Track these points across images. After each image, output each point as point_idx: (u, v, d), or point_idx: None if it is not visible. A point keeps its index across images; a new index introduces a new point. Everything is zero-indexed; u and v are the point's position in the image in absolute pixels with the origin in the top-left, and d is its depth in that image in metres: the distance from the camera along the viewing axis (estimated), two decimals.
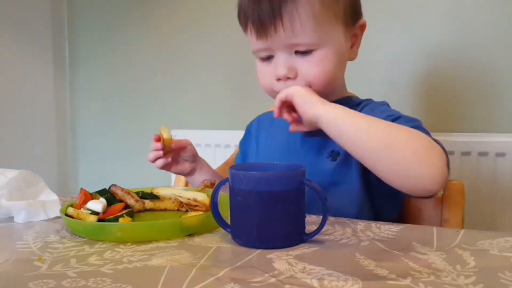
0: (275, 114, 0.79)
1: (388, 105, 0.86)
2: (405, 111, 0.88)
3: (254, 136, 0.99)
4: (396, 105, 0.86)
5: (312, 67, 0.78)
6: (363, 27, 0.84)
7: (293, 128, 0.80)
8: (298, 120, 0.78)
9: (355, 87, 0.91)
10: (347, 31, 0.82)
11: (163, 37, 1.81)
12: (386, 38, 1.37)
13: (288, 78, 0.79)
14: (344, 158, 0.80)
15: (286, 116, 0.78)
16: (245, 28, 0.82)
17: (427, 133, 0.70)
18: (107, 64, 1.97)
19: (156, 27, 1.83)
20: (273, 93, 0.82)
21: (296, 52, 0.78)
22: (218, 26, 1.67)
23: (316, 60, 0.78)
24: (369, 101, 0.88)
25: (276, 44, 0.78)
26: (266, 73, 0.82)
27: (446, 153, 0.68)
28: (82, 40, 2.04)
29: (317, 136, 0.83)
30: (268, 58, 0.81)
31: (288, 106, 0.77)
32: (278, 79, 0.79)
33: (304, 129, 0.78)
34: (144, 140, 1.88)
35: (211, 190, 0.66)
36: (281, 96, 0.76)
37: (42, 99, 2.01)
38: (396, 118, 0.74)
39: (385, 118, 0.71)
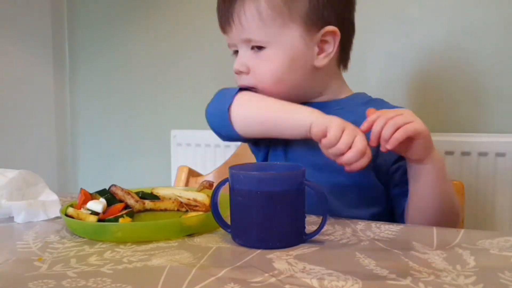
0: (396, 139, 0.66)
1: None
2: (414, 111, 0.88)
3: None
4: (397, 105, 0.86)
5: (260, 64, 0.82)
6: (333, 34, 0.81)
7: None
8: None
9: (352, 87, 0.91)
10: (308, 36, 0.80)
11: (163, 37, 1.81)
12: (384, 38, 1.37)
13: (241, 72, 0.84)
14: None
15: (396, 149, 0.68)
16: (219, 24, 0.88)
17: None
18: (107, 64, 1.97)
19: (156, 27, 1.82)
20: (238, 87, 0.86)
21: (253, 49, 0.82)
22: (219, 26, 1.66)
23: (264, 58, 0.81)
24: (380, 101, 0.88)
25: (234, 39, 0.84)
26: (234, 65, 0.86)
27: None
28: (82, 40, 2.04)
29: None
30: (236, 53, 0.86)
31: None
32: (235, 73, 0.85)
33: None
34: (144, 140, 1.89)
35: (209, 191, 0.66)
36: (409, 132, 0.66)
37: (42, 99, 2.01)
38: None
39: None
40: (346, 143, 0.66)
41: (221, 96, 0.87)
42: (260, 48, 0.81)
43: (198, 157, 1.63)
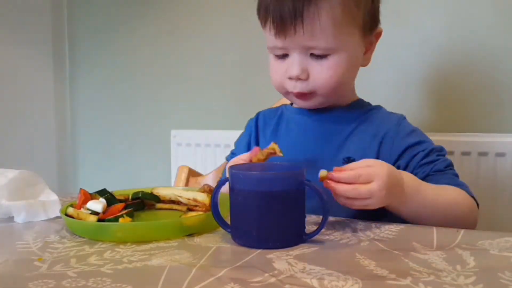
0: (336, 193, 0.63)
1: (409, 125, 0.86)
2: (405, 111, 0.89)
3: (262, 131, 0.96)
4: (397, 106, 0.86)
5: (324, 72, 0.78)
6: (379, 34, 0.85)
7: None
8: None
9: (358, 89, 0.91)
10: (364, 38, 0.82)
11: (163, 37, 1.81)
12: (387, 39, 1.36)
13: (299, 79, 0.79)
14: None
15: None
16: (264, 23, 0.81)
17: (453, 165, 0.80)
18: (107, 64, 1.97)
19: (156, 27, 1.82)
20: (282, 90, 0.83)
21: (311, 55, 0.78)
22: (219, 26, 1.66)
23: (330, 65, 0.78)
24: (379, 108, 0.89)
25: (294, 44, 0.78)
26: (279, 70, 0.82)
27: (477, 202, 0.76)
28: (82, 40, 2.04)
29: (332, 141, 0.84)
30: (283, 56, 0.81)
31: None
32: (290, 78, 0.80)
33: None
34: (144, 140, 1.89)
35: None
36: (359, 205, 0.63)
37: (42, 99, 2.01)
38: (429, 152, 0.79)
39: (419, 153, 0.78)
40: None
41: None
42: (320, 56, 0.78)
43: (198, 157, 1.63)
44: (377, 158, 0.80)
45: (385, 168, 0.64)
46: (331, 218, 0.68)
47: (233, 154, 0.99)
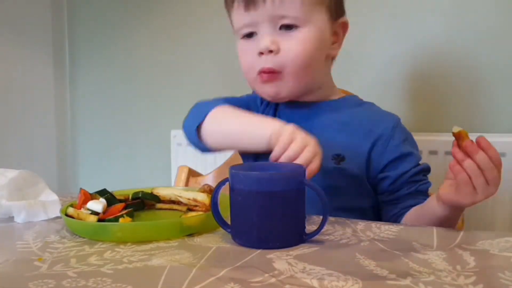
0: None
1: (405, 130, 0.86)
2: (403, 111, 0.89)
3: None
4: (393, 105, 0.86)
5: (294, 44, 0.78)
6: (345, 26, 0.84)
7: None
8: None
9: (350, 87, 0.91)
10: (331, 22, 0.81)
11: (164, 37, 1.81)
12: (381, 38, 1.36)
13: (270, 51, 0.78)
14: (348, 164, 0.80)
15: None
16: (231, 3, 0.81)
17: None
18: (107, 64, 1.97)
19: (156, 27, 1.82)
20: (252, 73, 0.81)
21: (280, 28, 0.78)
22: (219, 26, 1.66)
23: (299, 38, 0.78)
24: (372, 104, 0.88)
25: (263, 16, 0.77)
26: (248, 50, 0.81)
27: None
28: (82, 39, 2.04)
29: (321, 136, 0.82)
30: (251, 35, 0.81)
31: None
32: (261, 53, 0.79)
33: None
34: (144, 140, 1.89)
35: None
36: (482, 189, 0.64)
37: (42, 99, 2.01)
38: (418, 171, 0.81)
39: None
40: (294, 150, 0.66)
41: (195, 113, 0.86)
42: (289, 27, 0.78)
43: (198, 157, 1.63)
44: (368, 158, 0.81)
45: None
46: (331, 218, 0.68)
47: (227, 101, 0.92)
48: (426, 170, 0.83)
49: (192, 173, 1.11)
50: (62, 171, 2.08)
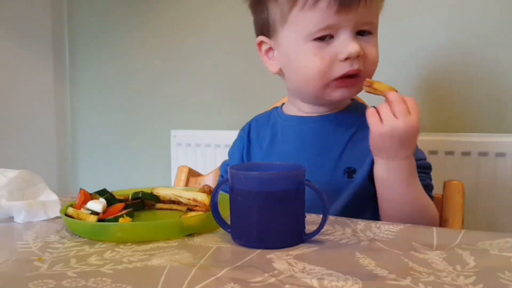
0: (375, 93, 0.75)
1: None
2: None
3: (255, 142, 0.91)
4: None
5: (373, 49, 0.79)
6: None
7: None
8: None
9: None
10: None
11: (164, 37, 1.81)
12: (386, 38, 1.36)
13: (357, 56, 0.76)
14: (360, 176, 0.79)
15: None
16: (315, 2, 0.75)
17: (431, 185, 0.81)
18: (107, 64, 1.97)
19: (156, 27, 1.83)
20: (326, 79, 0.77)
21: (357, 33, 0.78)
22: (219, 26, 1.67)
23: (375, 43, 0.80)
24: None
25: (351, 20, 0.75)
26: (326, 55, 0.76)
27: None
28: (82, 39, 2.04)
29: (331, 151, 0.81)
30: (326, 40, 0.77)
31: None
32: (346, 59, 0.76)
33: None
34: (144, 140, 1.89)
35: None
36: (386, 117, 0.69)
37: (42, 99, 2.01)
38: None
39: None
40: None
41: None
42: (364, 33, 0.78)
43: (198, 157, 1.64)
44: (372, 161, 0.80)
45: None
46: (331, 218, 0.68)
47: (226, 165, 0.96)
48: (424, 167, 0.80)
49: (192, 173, 1.11)
50: (62, 171, 2.08)
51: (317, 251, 0.54)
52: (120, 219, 0.63)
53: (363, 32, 0.78)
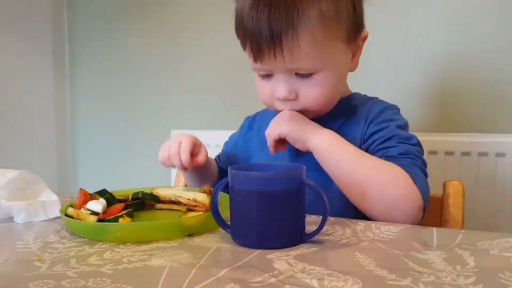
0: (272, 152, 0.81)
1: (396, 110, 0.85)
2: (406, 111, 0.89)
3: (255, 129, 0.97)
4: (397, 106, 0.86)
5: (312, 90, 0.77)
6: (365, 38, 0.83)
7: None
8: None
9: (358, 89, 0.91)
10: (349, 47, 0.80)
11: (163, 37, 1.81)
12: (387, 40, 1.37)
13: (288, 99, 0.78)
14: None
15: (282, 150, 0.82)
16: (243, 46, 0.79)
17: (417, 156, 0.75)
18: (107, 64, 1.97)
19: (156, 27, 1.83)
20: (273, 108, 0.82)
21: (297, 74, 0.76)
22: (219, 27, 1.67)
23: (317, 84, 0.77)
24: (375, 100, 0.88)
25: (275, 68, 0.76)
26: (266, 91, 0.80)
27: (423, 193, 0.70)
28: (82, 40, 2.04)
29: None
30: (268, 76, 0.79)
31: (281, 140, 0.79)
32: (278, 99, 0.79)
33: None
34: (144, 140, 1.89)
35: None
36: (274, 136, 0.78)
37: (42, 99, 2.01)
38: (388, 138, 0.77)
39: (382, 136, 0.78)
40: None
41: None
42: (307, 74, 0.76)
43: None
44: (361, 140, 0.81)
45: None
46: (331, 218, 0.68)
47: (218, 157, 1.01)
48: (404, 138, 0.77)
49: None
50: (62, 171, 2.08)
51: (317, 251, 0.54)
52: (120, 219, 0.63)
53: (303, 75, 0.76)
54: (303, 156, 0.80)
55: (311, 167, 0.67)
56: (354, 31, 0.79)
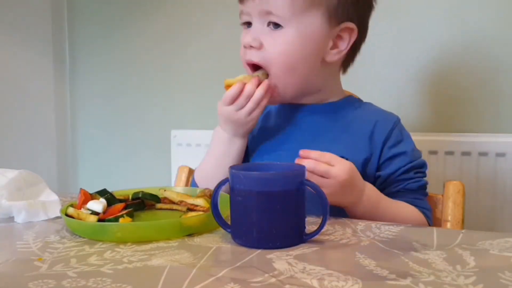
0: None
1: (400, 124, 0.85)
2: (406, 111, 0.89)
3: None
4: (397, 106, 0.87)
5: (275, 43, 0.79)
6: (350, 31, 0.81)
7: None
8: None
9: (357, 88, 0.91)
10: (327, 27, 0.79)
11: (163, 37, 1.81)
12: (388, 39, 1.36)
13: (251, 47, 0.79)
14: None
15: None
16: None
17: (426, 183, 0.83)
18: (107, 64, 1.97)
19: (156, 27, 1.82)
20: (244, 63, 0.83)
21: (268, 24, 0.79)
22: (219, 27, 1.66)
23: (282, 39, 0.78)
24: (370, 105, 0.88)
25: (251, 8, 0.79)
26: (242, 40, 0.82)
27: (430, 222, 0.80)
28: (82, 40, 2.04)
29: (324, 138, 0.82)
30: (248, 26, 0.82)
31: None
32: (244, 47, 0.81)
33: None
34: (144, 140, 1.89)
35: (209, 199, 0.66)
36: (318, 173, 0.69)
37: (42, 99, 2.01)
38: (406, 170, 0.81)
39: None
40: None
41: None
42: (277, 25, 0.78)
43: (198, 157, 1.62)
44: (369, 159, 0.81)
45: (348, 163, 0.69)
46: (331, 218, 0.68)
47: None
48: (418, 166, 0.81)
49: (192, 173, 1.11)
50: (62, 171, 2.08)
51: (317, 251, 0.54)
52: (120, 219, 0.63)
53: (274, 24, 0.78)
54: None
55: None
56: (339, 12, 0.79)
